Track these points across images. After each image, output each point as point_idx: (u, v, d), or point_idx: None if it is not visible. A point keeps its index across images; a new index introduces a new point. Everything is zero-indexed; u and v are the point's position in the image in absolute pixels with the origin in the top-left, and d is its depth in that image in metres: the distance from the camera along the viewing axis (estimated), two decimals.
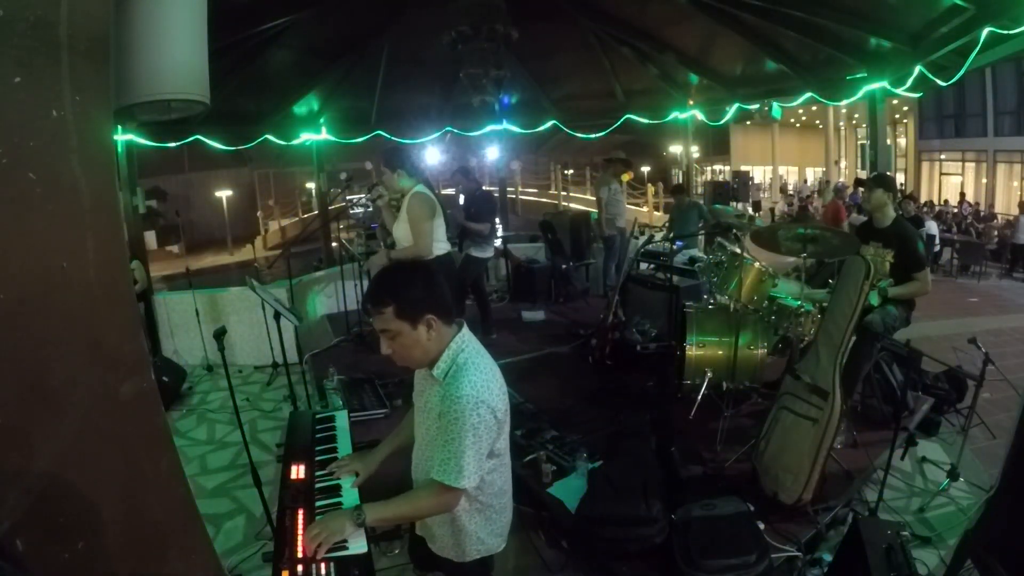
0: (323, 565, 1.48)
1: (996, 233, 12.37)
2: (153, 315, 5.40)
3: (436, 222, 3.70)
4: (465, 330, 1.67)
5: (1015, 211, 14.40)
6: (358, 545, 1.56)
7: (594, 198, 7.10)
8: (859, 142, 23.61)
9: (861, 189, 5.92)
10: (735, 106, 6.54)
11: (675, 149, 20.20)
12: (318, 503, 1.70)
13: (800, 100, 5.86)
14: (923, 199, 18.15)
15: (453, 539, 1.72)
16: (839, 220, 8.22)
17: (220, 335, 2.53)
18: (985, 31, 3.76)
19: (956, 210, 16.68)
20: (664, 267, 5.15)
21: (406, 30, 5.89)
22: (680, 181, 11.32)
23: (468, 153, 16.70)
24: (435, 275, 1.62)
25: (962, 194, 17.98)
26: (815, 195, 19.76)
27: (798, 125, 25.18)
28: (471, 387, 1.53)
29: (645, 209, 17.02)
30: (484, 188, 5.61)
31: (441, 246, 3.79)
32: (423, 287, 1.56)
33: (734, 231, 4.16)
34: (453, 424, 1.52)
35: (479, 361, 1.61)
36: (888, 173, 5.20)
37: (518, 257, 7.09)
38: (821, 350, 2.87)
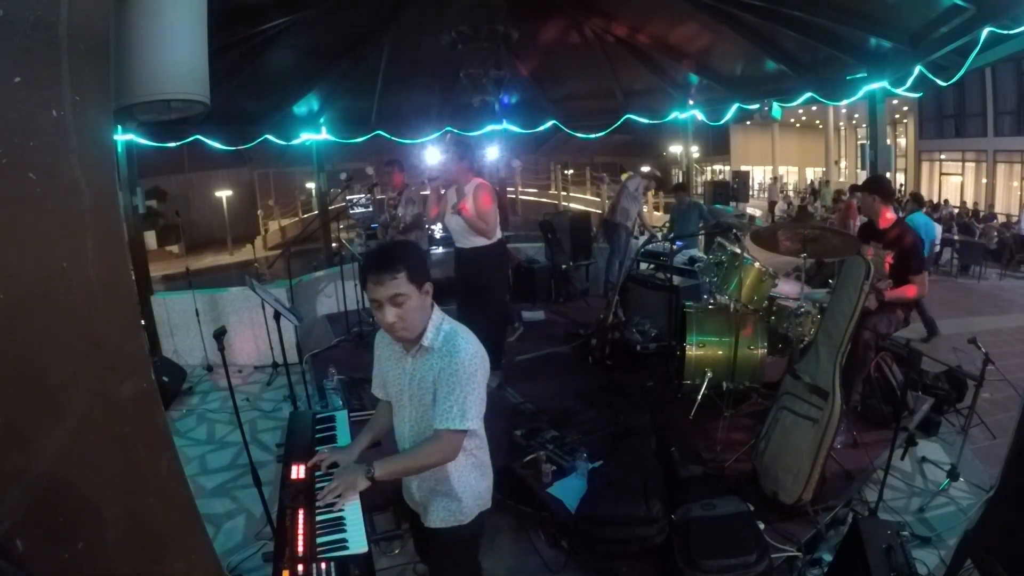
0: (323, 565, 1.48)
1: (996, 233, 12.37)
2: (152, 315, 5.40)
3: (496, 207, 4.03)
4: (437, 306, 1.81)
5: (1015, 211, 14.40)
6: (358, 545, 1.56)
7: (596, 198, 7.12)
8: (859, 142, 23.61)
9: (859, 194, 5.91)
10: (735, 106, 6.53)
11: (675, 149, 20.22)
12: (318, 503, 1.70)
13: (800, 100, 5.85)
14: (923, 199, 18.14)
15: (462, 502, 1.80)
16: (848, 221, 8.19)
17: (220, 335, 2.54)
18: (985, 31, 3.75)
19: (957, 209, 16.69)
20: (664, 267, 5.15)
21: (406, 30, 5.88)
22: (680, 181, 11.35)
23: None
24: (423, 251, 1.82)
25: (961, 202, 17.97)
26: (816, 194, 19.79)
27: (798, 125, 25.20)
28: (466, 342, 1.71)
29: (645, 209, 17.03)
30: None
31: (499, 231, 4.11)
32: (422, 257, 1.76)
33: (734, 231, 4.16)
34: (453, 377, 1.66)
35: (461, 326, 1.79)
36: (887, 176, 5.20)
37: (518, 257, 7.09)
38: (821, 350, 2.87)
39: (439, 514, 1.82)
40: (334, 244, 7.68)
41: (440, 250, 7.25)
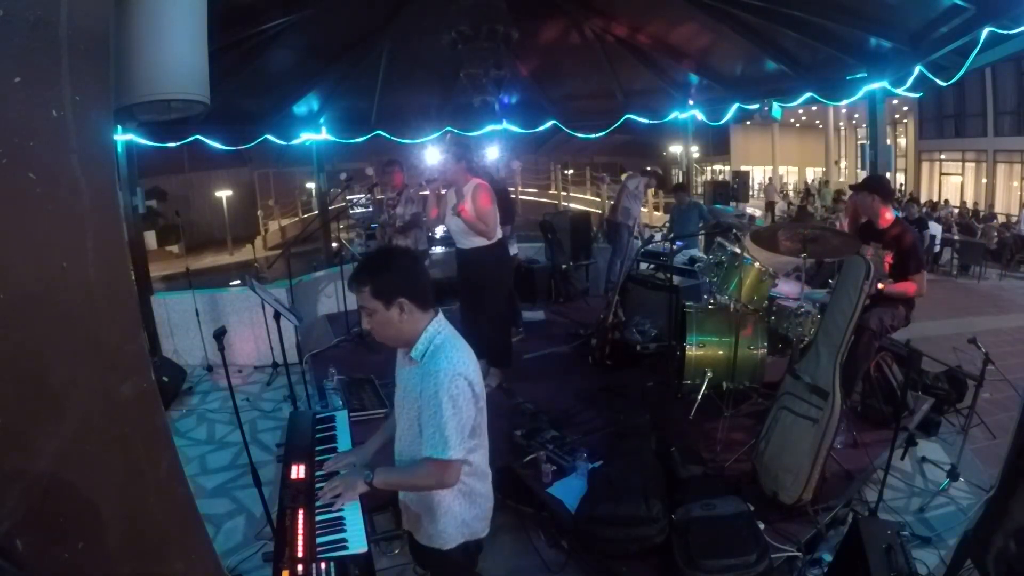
0: (323, 565, 1.48)
1: (996, 233, 12.36)
2: (152, 315, 5.40)
3: (495, 208, 3.97)
4: (441, 316, 1.76)
5: (1015, 211, 14.38)
6: (358, 545, 1.56)
7: (596, 198, 7.12)
8: (859, 142, 23.62)
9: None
10: (735, 106, 6.53)
11: (675, 149, 20.23)
12: (318, 503, 1.70)
13: (800, 100, 5.85)
14: (923, 199, 18.16)
15: (438, 525, 1.75)
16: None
17: (220, 335, 2.54)
18: (985, 31, 3.75)
19: (957, 209, 16.69)
20: (664, 267, 5.15)
21: (406, 30, 5.88)
22: (680, 181, 11.39)
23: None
24: (414, 263, 1.77)
25: (961, 202, 17.95)
26: (815, 195, 19.79)
27: (798, 125, 25.21)
28: (447, 362, 1.63)
29: (645, 209, 17.04)
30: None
31: (499, 231, 4.07)
32: (399, 272, 1.69)
33: (734, 231, 4.16)
34: (433, 398, 1.61)
35: (455, 342, 1.72)
36: (887, 175, 5.20)
37: (518, 257, 7.09)
38: (821, 350, 2.87)
39: (424, 531, 1.79)
40: (334, 244, 7.68)
41: (441, 250, 7.26)
